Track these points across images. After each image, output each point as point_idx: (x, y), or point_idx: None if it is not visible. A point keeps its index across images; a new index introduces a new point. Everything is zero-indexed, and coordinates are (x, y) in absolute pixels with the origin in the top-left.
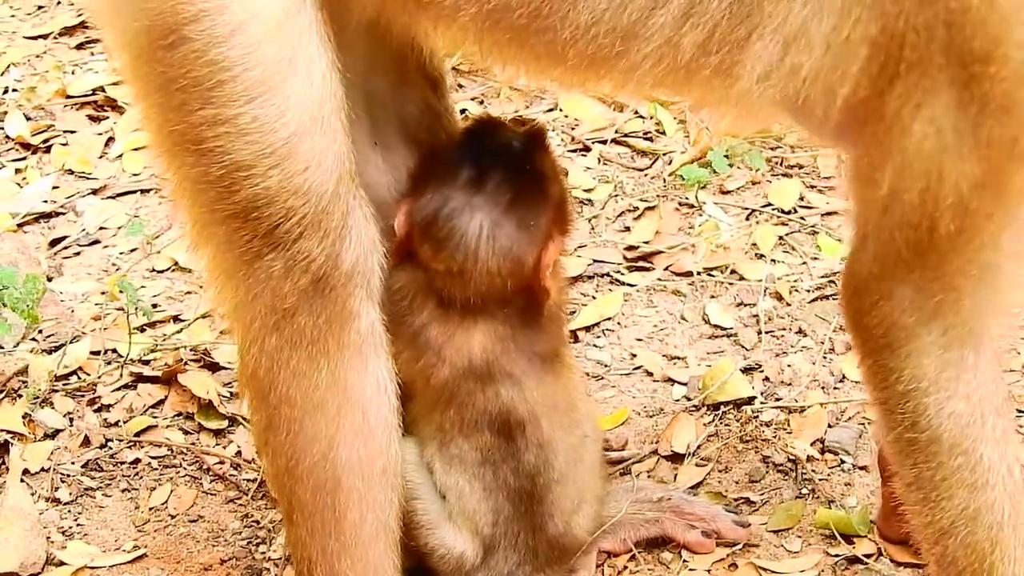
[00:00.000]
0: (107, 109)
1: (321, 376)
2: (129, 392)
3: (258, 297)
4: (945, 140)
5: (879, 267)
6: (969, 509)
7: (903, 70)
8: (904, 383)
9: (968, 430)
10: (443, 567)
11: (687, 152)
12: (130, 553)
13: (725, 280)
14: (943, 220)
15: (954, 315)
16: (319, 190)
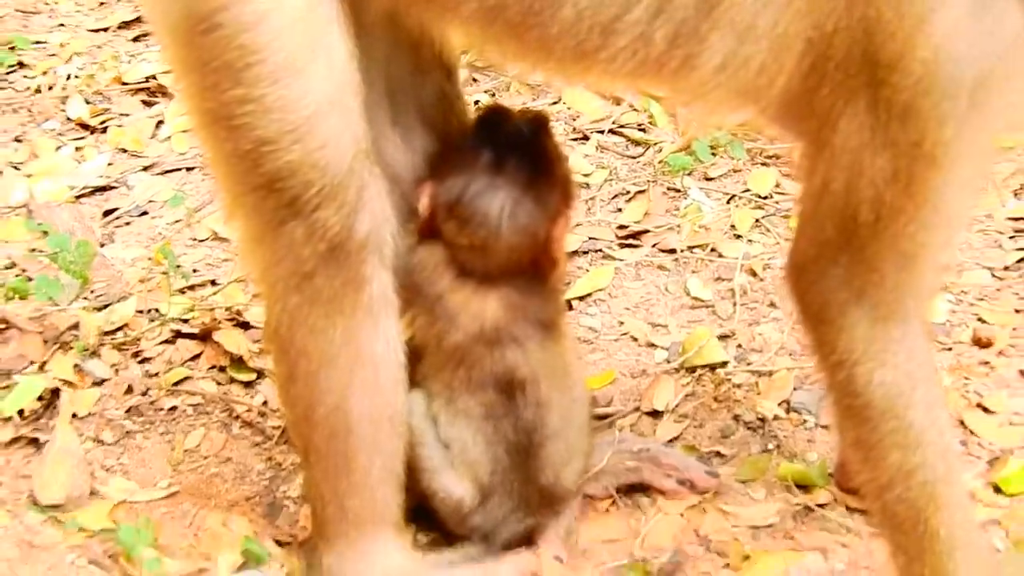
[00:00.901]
0: (158, 95)
1: (336, 333)
2: (169, 347)
3: (282, 261)
4: (864, 138)
5: (814, 249)
6: (904, 468)
7: (831, 68)
8: (838, 354)
9: (898, 398)
10: (443, 509)
11: (675, 142)
12: (165, 489)
13: (706, 257)
14: (862, 210)
15: (879, 294)
16: (336, 165)
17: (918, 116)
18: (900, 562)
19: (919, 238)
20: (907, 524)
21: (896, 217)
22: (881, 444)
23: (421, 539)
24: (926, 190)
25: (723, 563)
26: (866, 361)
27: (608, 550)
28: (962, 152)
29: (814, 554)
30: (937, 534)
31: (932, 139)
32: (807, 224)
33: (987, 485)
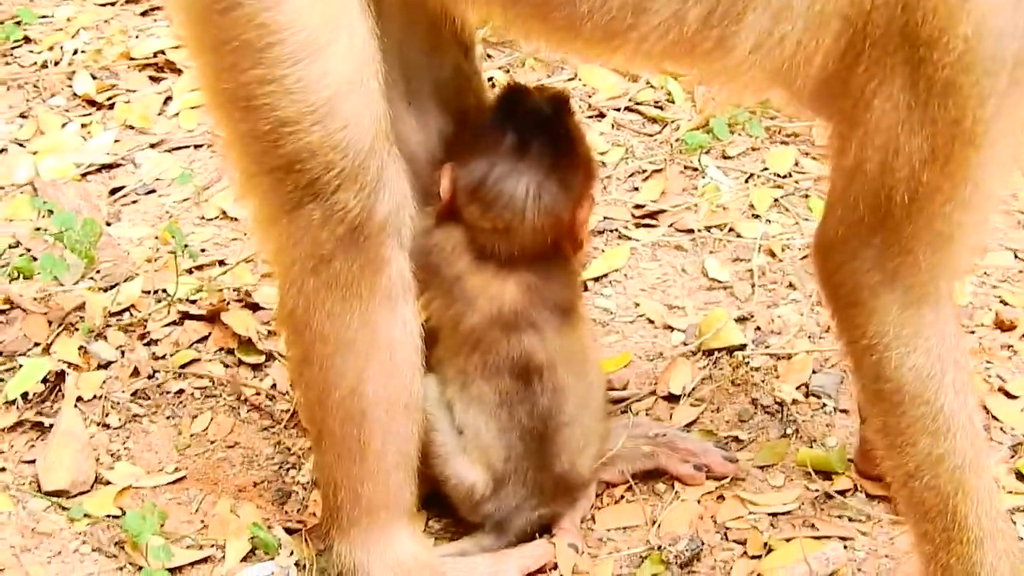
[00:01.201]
0: (166, 71)
1: (353, 317)
2: (176, 328)
3: (298, 243)
4: (900, 117)
5: (845, 230)
6: (932, 455)
7: (867, 47)
8: (868, 338)
9: (929, 382)
10: (456, 495)
11: (693, 120)
12: (172, 475)
13: (723, 237)
14: (897, 190)
15: (912, 276)
16: (357, 146)
17: (959, 93)
18: (926, 550)
19: (955, 218)
20: (933, 512)
21: (933, 197)
22: (910, 430)
23: (434, 526)
24: (965, 169)
25: (741, 551)
26: (898, 345)
27: (624, 538)
28: (1002, 130)
29: (834, 542)
30: (965, 522)
31: (973, 117)
32: (838, 204)
33: (1010, 471)
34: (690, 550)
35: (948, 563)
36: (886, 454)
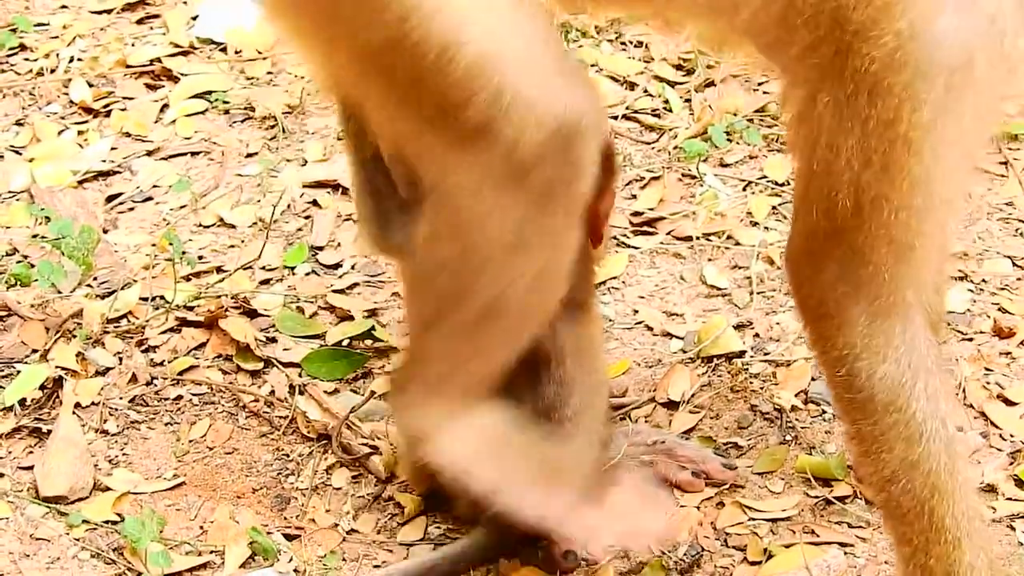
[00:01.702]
0: (163, 78)
1: (533, 225)
2: (174, 335)
3: (488, 167)
4: (839, 112)
5: (808, 242)
6: (907, 460)
7: (799, 24)
8: (838, 349)
9: (900, 390)
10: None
11: (691, 128)
12: (170, 481)
13: (722, 245)
14: (841, 196)
15: (877, 287)
16: (514, 50)
17: (889, 93)
18: (905, 552)
19: (911, 226)
20: (911, 515)
21: (879, 205)
22: (884, 437)
23: (433, 531)
24: (907, 176)
25: (741, 557)
26: (867, 356)
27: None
28: (945, 138)
29: (834, 548)
30: (942, 523)
31: (908, 121)
32: (799, 213)
33: (1009, 478)
34: (690, 556)
35: (927, 564)
36: (861, 460)
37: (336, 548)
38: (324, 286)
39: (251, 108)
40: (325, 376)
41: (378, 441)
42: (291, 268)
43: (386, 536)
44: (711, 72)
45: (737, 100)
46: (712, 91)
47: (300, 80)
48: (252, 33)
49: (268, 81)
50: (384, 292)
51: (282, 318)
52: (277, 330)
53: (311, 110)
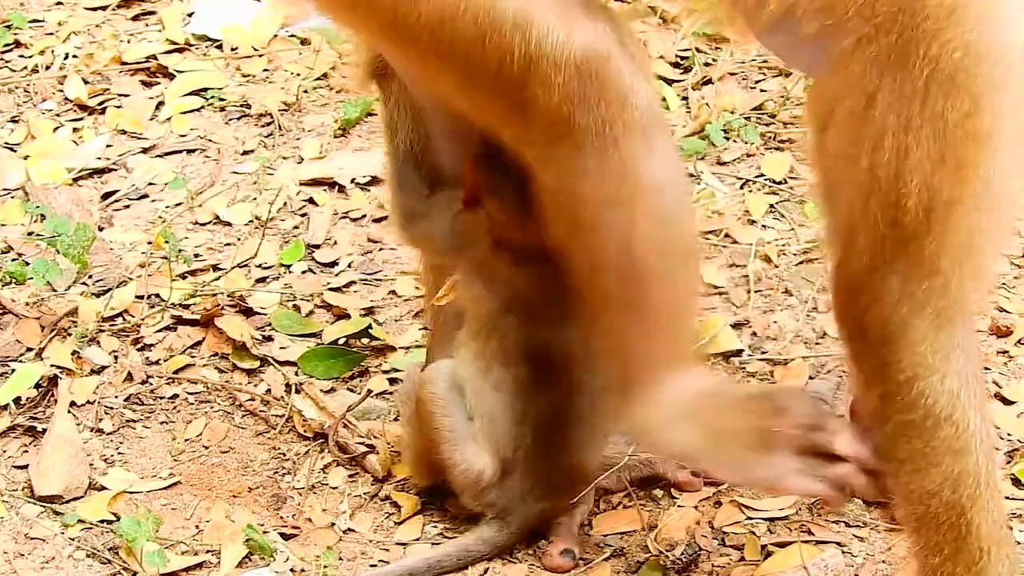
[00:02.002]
0: (158, 75)
1: (611, 167)
2: (169, 333)
3: (534, 122)
4: (906, 109)
5: (868, 260)
6: (954, 472)
7: (852, 11)
8: (904, 372)
9: (957, 403)
10: (462, 481)
11: (688, 126)
12: (166, 480)
13: (719, 243)
14: (911, 201)
15: (941, 298)
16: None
17: (968, 84)
18: (933, 562)
19: (980, 228)
20: (946, 525)
21: (952, 207)
22: (935, 452)
23: (430, 531)
24: (981, 175)
25: (739, 556)
26: (930, 373)
27: (621, 543)
28: (1013, 133)
29: (831, 548)
30: (978, 532)
31: (986, 115)
32: (857, 232)
33: (1006, 477)
34: (687, 556)
35: (954, 572)
36: (906, 480)
37: (333, 547)
38: (320, 284)
39: (247, 105)
40: (321, 375)
41: (375, 440)
42: (287, 266)
43: (383, 535)
44: (708, 70)
45: (735, 98)
46: (709, 89)
47: (296, 77)
48: (248, 30)
49: (264, 78)
50: (381, 290)
51: (278, 316)
52: (273, 328)
53: (307, 107)
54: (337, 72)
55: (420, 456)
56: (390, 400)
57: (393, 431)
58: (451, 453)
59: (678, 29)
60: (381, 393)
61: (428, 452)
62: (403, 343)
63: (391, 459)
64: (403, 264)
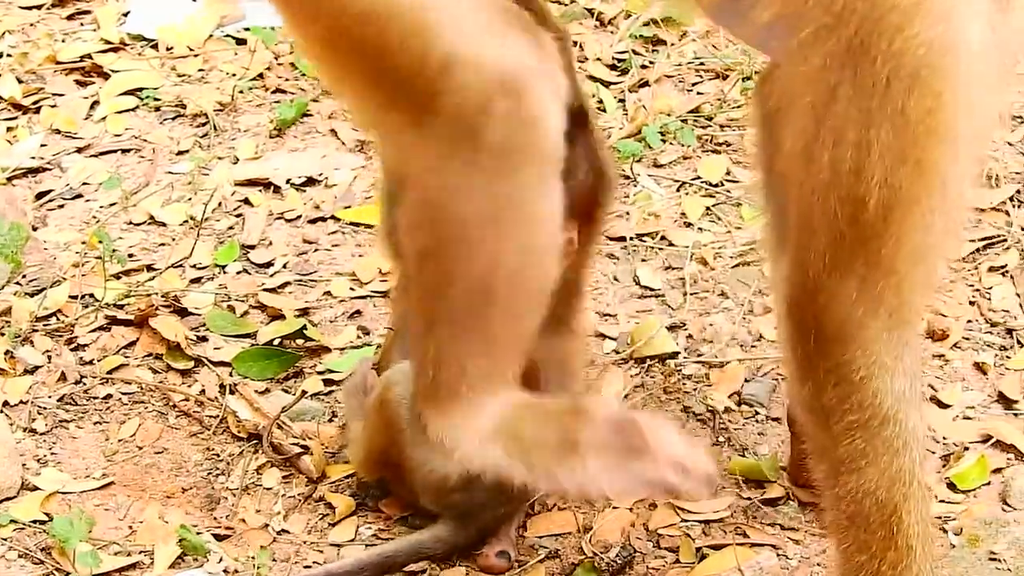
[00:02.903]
0: (93, 75)
1: (501, 188)
2: (103, 333)
3: (440, 133)
4: (868, 104)
5: (828, 260)
6: (891, 470)
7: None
8: (859, 372)
9: (901, 402)
10: (425, 483)
11: (624, 128)
12: (99, 480)
13: (655, 245)
14: (872, 199)
15: (896, 299)
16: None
17: (932, 79)
18: (860, 560)
19: (934, 228)
20: (877, 523)
21: (912, 206)
22: (875, 451)
23: (364, 532)
24: (942, 173)
25: (673, 559)
26: (885, 373)
27: (556, 545)
28: (967, 134)
29: (766, 550)
30: (907, 530)
31: (948, 111)
32: (814, 230)
33: (941, 481)
34: (622, 558)
35: (879, 570)
36: (845, 478)
37: (266, 548)
38: (255, 285)
39: (182, 105)
40: (256, 375)
41: (309, 441)
42: (222, 266)
43: (317, 536)
44: (645, 72)
45: (671, 100)
46: (646, 91)
47: (231, 77)
48: (183, 30)
49: (199, 78)
50: (316, 291)
51: (213, 317)
52: (208, 329)
53: (243, 107)
54: (273, 72)
55: (372, 453)
56: (324, 401)
57: (328, 432)
58: (415, 455)
59: (615, 31)
60: (316, 394)
61: (386, 451)
62: (338, 344)
63: (325, 460)
64: (338, 265)
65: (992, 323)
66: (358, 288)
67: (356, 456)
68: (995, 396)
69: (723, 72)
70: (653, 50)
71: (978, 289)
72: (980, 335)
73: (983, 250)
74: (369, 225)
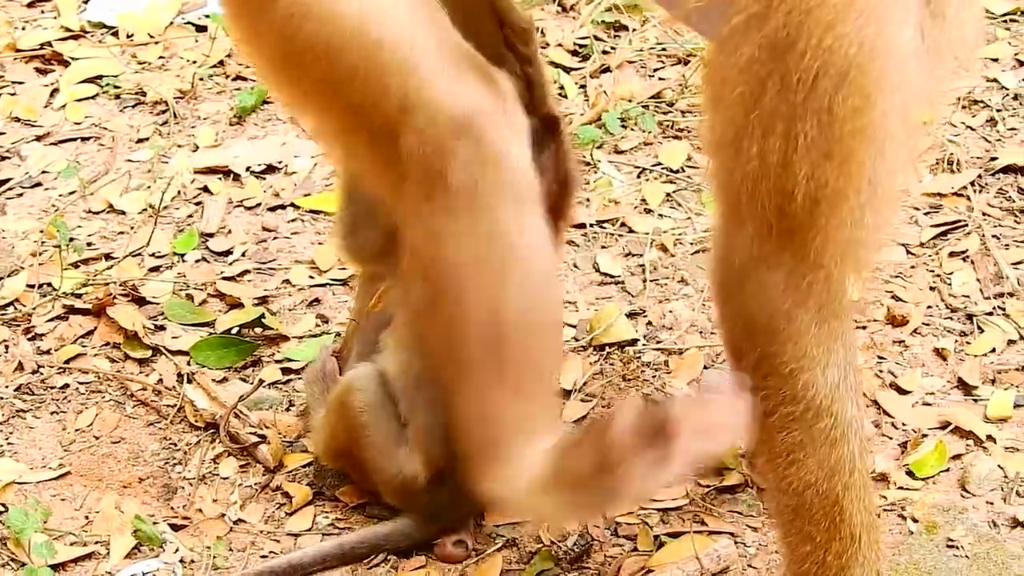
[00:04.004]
0: (53, 63)
1: (481, 230)
2: (61, 323)
3: (405, 175)
4: (795, 97)
5: (756, 246)
6: (830, 462)
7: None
8: (788, 364)
9: (836, 394)
10: (390, 484)
11: (585, 115)
12: (56, 470)
13: (615, 232)
14: (799, 191)
15: (824, 292)
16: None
17: (861, 78)
18: (804, 550)
19: (862, 223)
20: (820, 514)
21: (837, 201)
22: (813, 443)
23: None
24: (867, 170)
25: (631, 547)
26: (815, 366)
27: (513, 534)
28: (896, 132)
29: (724, 537)
30: (849, 519)
31: (875, 110)
32: (744, 220)
33: (900, 467)
34: (580, 546)
35: (825, 560)
36: (786, 471)
37: (223, 538)
38: (214, 273)
39: (142, 93)
40: (214, 364)
41: (266, 430)
42: (181, 255)
43: (273, 526)
44: (607, 58)
45: (632, 86)
46: (608, 77)
47: (192, 65)
48: (143, 17)
49: (160, 66)
50: (275, 279)
51: (171, 306)
52: (166, 318)
53: (203, 95)
54: (233, 60)
55: (334, 448)
56: (282, 390)
57: (285, 421)
58: (380, 460)
59: (577, 17)
60: (274, 383)
61: (348, 450)
62: (296, 332)
63: (282, 449)
64: (297, 253)
65: (952, 309)
66: (317, 276)
67: (317, 445)
68: (955, 382)
69: (685, 58)
70: (615, 36)
71: (938, 275)
72: (940, 321)
73: (944, 235)
74: (329, 213)
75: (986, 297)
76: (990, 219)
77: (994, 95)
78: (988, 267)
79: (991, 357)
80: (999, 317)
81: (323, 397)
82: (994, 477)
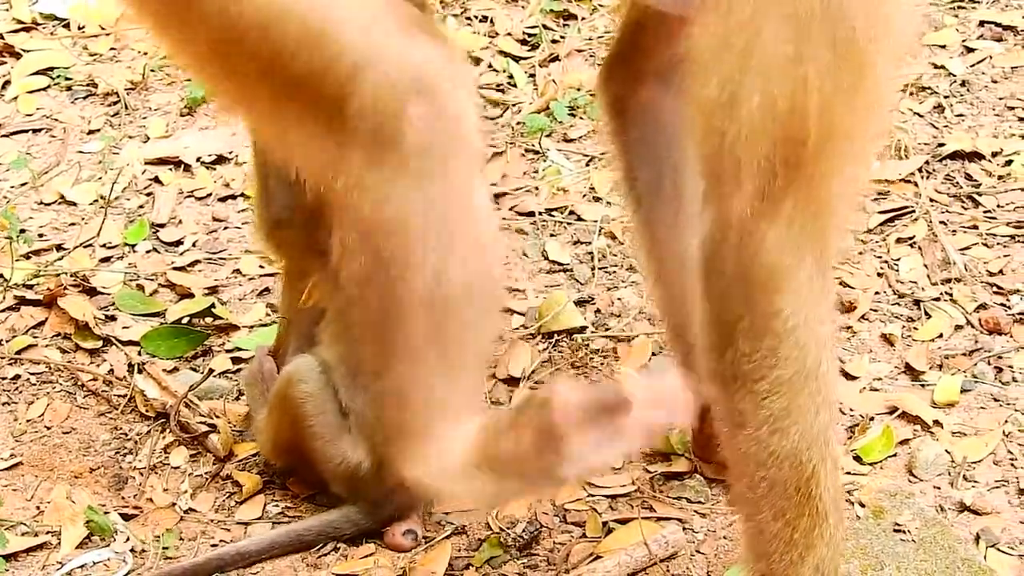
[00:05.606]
0: (4, 55)
1: (432, 194)
2: (12, 314)
3: (353, 139)
4: (807, 33)
5: (760, 202)
6: (813, 430)
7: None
8: (788, 321)
9: (823, 352)
10: (336, 473)
11: (534, 103)
12: (7, 461)
13: (564, 220)
14: (806, 134)
15: (820, 245)
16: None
17: (870, 8)
18: (773, 529)
19: (860, 165)
20: (792, 488)
21: (844, 141)
22: (799, 410)
23: (271, 510)
24: (871, 107)
25: (580, 533)
26: (812, 322)
27: (462, 521)
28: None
29: (672, 524)
30: (821, 495)
31: (884, 43)
32: (742, 178)
33: (847, 452)
34: (528, 533)
35: (792, 538)
36: (766, 441)
37: (173, 527)
38: (165, 263)
39: (93, 84)
40: (164, 354)
41: (216, 420)
42: (132, 245)
43: (224, 515)
44: (556, 47)
45: (581, 75)
46: (556, 66)
47: (143, 56)
48: (95, 9)
49: (111, 57)
50: (225, 269)
51: (122, 296)
52: (117, 308)
53: (154, 86)
54: None
55: (280, 444)
56: (233, 379)
57: (235, 410)
58: (325, 449)
59: (526, 6)
60: (224, 372)
61: (294, 444)
62: (247, 322)
63: (233, 438)
64: (247, 243)
65: (899, 295)
66: (267, 266)
67: (263, 446)
68: (902, 368)
69: None
70: (564, 24)
71: (886, 261)
72: (887, 307)
73: (891, 222)
74: None
75: (933, 283)
76: (938, 205)
77: (941, 82)
78: (935, 253)
79: (938, 343)
80: (946, 303)
81: (264, 397)
82: (941, 462)
